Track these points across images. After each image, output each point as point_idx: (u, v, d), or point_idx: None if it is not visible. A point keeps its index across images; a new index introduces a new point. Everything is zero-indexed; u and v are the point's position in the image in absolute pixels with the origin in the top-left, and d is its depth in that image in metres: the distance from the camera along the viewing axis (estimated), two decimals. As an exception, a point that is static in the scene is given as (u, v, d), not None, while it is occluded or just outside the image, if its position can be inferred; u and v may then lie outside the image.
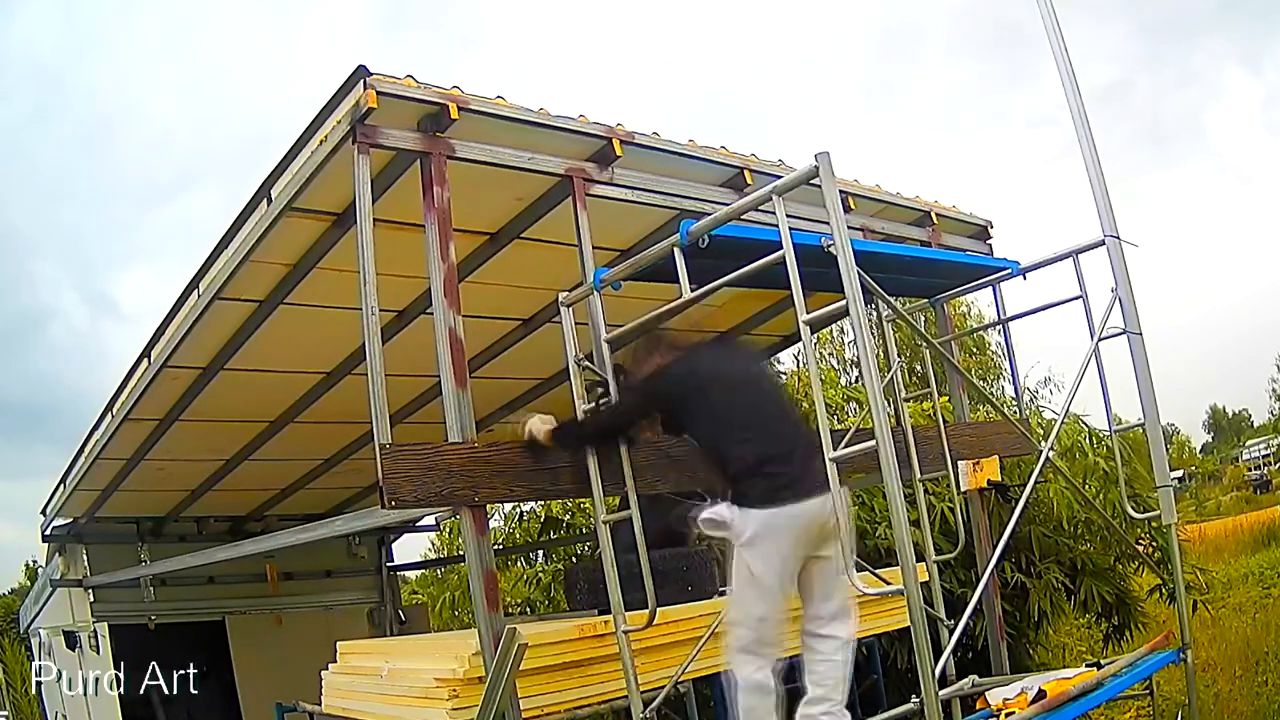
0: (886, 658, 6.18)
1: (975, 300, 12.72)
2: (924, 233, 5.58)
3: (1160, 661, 4.24)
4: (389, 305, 4.54)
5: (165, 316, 5.08)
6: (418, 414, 5.98)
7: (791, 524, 3.15)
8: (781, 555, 3.18)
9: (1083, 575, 7.16)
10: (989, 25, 17.62)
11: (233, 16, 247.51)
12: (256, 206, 4.15)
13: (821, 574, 3.29)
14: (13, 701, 12.29)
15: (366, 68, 3.46)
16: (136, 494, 7.01)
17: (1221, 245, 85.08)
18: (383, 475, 3.28)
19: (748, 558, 3.19)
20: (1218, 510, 24.11)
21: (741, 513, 3.19)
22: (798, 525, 3.15)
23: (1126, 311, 4.24)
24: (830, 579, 3.30)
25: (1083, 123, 4.32)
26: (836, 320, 8.06)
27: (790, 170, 3.47)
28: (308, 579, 8.49)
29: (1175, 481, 6.90)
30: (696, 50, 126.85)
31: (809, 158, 3.03)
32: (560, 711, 3.90)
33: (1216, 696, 6.66)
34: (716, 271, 3.34)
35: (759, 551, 3.17)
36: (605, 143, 4.10)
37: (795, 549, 3.19)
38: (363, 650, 4.82)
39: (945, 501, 6.41)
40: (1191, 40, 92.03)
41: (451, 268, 3.59)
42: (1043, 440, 4.93)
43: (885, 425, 2.90)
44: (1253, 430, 47.10)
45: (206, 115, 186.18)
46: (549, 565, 9.74)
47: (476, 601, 3.43)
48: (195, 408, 5.77)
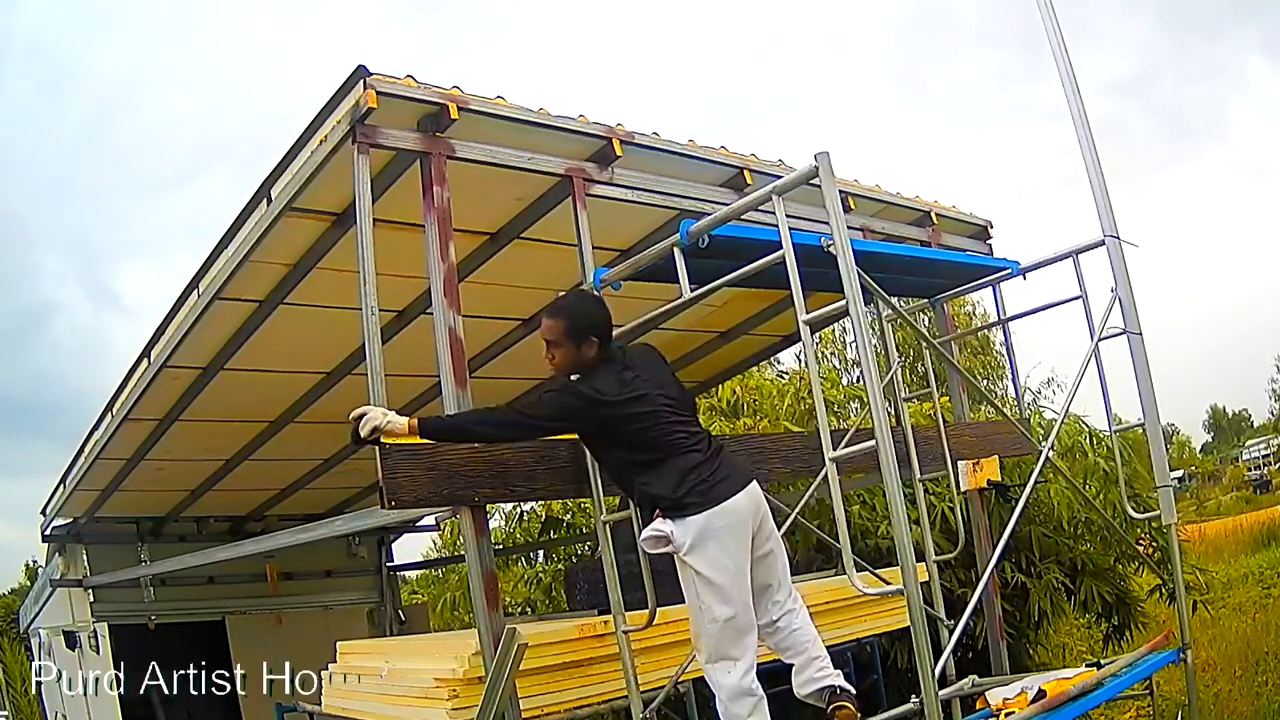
0: (886, 658, 6.18)
1: (980, 300, 12.73)
2: (924, 233, 5.58)
3: (1160, 661, 4.24)
4: (389, 305, 4.54)
5: (165, 316, 5.08)
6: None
7: (728, 520, 3.16)
8: (727, 552, 3.17)
9: (1083, 575, 7.17)
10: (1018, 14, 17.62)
11: (241, 4, 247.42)
12: (256, 206, 4.15)
13: (769, 566, 3.32)
14: (12, 701, 12.29)
15: (366, 68, 3.46)
16: (136, 494, 7.01)
17: (1230, 242, 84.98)
18: (383, 475, 3.28)
19: (696, 564, 3.17)
20: (1218, 510, 24.13)
21: (679, 523, 3.17)
22: (734, 520, 3.17)
23: (1126, 311, 4.24)
24: (777, 569, 3.34)
25: (1083, 123, 4.32)
26: (836, 320, 8.05)
27: (790, 170, 3.47)
28: (308, 579, 8.48)
29: (1175, 481, 6.90)
30: (715, 41, 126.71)
31: (814, 155, 3.03)
32: (560, 711, 3.90)
33: (1216, 696, 6.66)
34: (716, 271, 3.35)
35: (704, 555, 3.17)
36: (605, 143, 4.09)
37: (739, 543, 3.19)
38: (363, 650, 4.83)
39: (945, 501, 6.42)
40: (1216, 31, 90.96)
41: (451, 268, 3.59)
42: (1043, 440, 4.93)
43: (885, 425, 2.90)
44: (1253, 430, 47.15)
45: (215, 103, 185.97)
46: (549, 565, 9.75)
47: (476, 601, 3.43)
48: (195, 408, 5.77)
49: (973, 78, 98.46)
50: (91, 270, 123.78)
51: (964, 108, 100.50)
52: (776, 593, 3.35)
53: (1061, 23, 4.29)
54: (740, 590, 3.20)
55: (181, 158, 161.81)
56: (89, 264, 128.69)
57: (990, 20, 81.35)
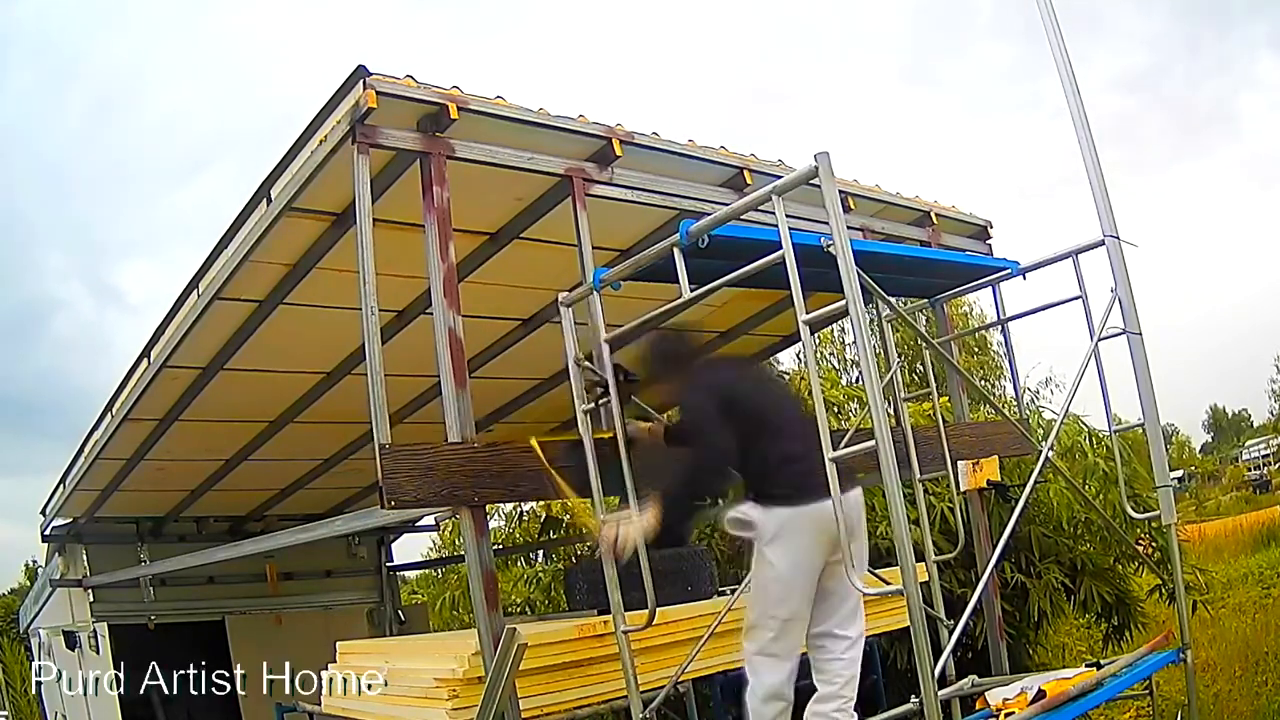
0: (886, 658, 6.17)
1: (978, 300, 12.74)
2: (924, 233, 5.59)
3: (1160, 661, 4.23)
4: (389, 305, 4.54)
5: (165, 317, 5.08)
6: (418, 414, 5.98)
7: (814, 522, 3.14)
8: (805, 552, 3.17)
9: (1083, 575, 7.16)
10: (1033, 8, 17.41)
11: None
12: (256, 206, 4.15)
13: (839, 575, 3.27)
14: (12, 701, 12.29)
15: (366, 68, 3.46)
16: (136, 494, 7.01)
17: (1232, 241, 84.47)
18: (383, 475, 3.28)
19: (771, 556, 3.18)
20: (1217, 510, 24.08)
21: (766, 511, 3.18)
22: (820, 523, 3.14)
23: (1126, 311, 4.24)
24: (845, 579, 3.30)
25: (1082, 122, 4.32)
26: (836, 320, 8.06)
27: (790, 170, 3.47)
28: (307, 579, 8.49)
29: (1175, 481, 6.91)
30: (722, 34, 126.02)
31: (814, 156, 3.03)
32: (560, 711, 3.90)
33: (1216, 696, 6.65)
34: (716, 271, 3.34)
35: (783, 549, 3.17)
36: (605, 143, 4.10)
37: (818, 547, 3.18)
38: (362, 650, 4.82)
39: (945, 501, 6.41)
40: (1227, 25, 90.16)
41: (451, 268, 3.59)
42: (1043, 440, 4.93)
43: (885, 425, 2.90)
44: (1253, 430, 47.09)
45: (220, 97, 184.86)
46: (549, 565, 9.74)
47: (476, 601, 3.44)
48: (195, 408, 5.78)
49: (984, 72, 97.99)
50: (94, 266, 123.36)
51: (973, 102, 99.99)
52: (835, 606, 3.30)
53: (1078, 16, 4.28)
54: (805, 594, 3.21)
55: (187, 152, 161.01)
56: (92, 260, 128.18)
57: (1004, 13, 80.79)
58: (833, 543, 3.17)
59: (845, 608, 3.31)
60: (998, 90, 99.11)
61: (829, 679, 3.28)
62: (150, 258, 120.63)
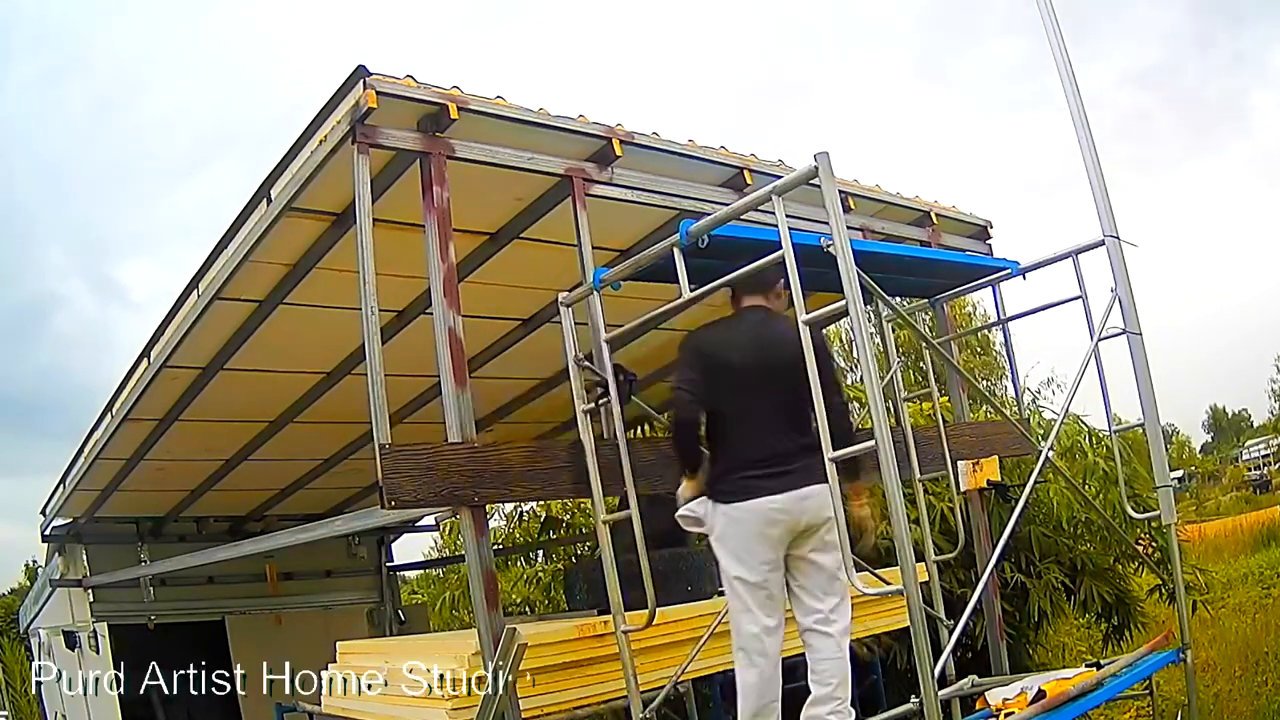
0: (886, 658, 6.17)
1: (981, 300, 12.72)
2: (924, 233, 5.59)
3: (1160, 661, 4.24)
4: (389, 305, 4.54)
5: (165, 316, 5.08)
6: (418, 414, 5.98)
7: (757, 518, 3.15)
8: (750, 552, 3.17)
9: (1083, 575, 7.16)
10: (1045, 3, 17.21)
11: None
12: (256, 206, 4.15)
13: (816, 572, 3.28)
14: (12, 701, 12.29)
15: (366, 68, 3.46)
16: (136, 494, 7.01)
17: (1240, 238, 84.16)
18: (383, 475, 3.28)
19: (720, 556, 3.21)
20: (1217, 510, 24.09)
21: (712, 507, 3.20)
22: (764, 519, 3.15)
23: (1126, 312, 4.24)
24: (825, 578, 3.28)
25: (1082, 123, 4.32)
26: (836, 320, 8.05)
27: (790, 170, 3.47)
28: (307, 579, 8.50)
29: (1175, 481, 6.90)
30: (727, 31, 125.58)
31: (814, 156, 3.03)
32: (560, 711, 3.90)
33: (1216, 696, 6.65)
34: (716, 271, 3.34)
35: (728, 549, 3.18)
36: (605, 143, 4.10)
37: (764, 545, 3.18)
38: (362, 650, 4.82)
39: (945, 501, 6.40)
40: (1240, 21, 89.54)
41: (451, 268, 3.59)
42: (1043, 440, 4.93)
43: (885, 425, 2.90)
44: (1253, 430, 47.08)
45: (222, 93, 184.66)
46: (549, 565, 9.74)
47: (476, 601, 3.44)
48: (195, 408, 5.78)
49: (994, 67, 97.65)
50: (96, 263, 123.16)
51: (983, 98, 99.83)
52: (815, 604, 3.29)
53: (1094, 10, 4.28)
54: (759, 599, 3.20)
55: (188, 149, 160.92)
56: (93, 257, 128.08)
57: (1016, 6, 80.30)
58: (788, 540, 3.19)
59: (827, 603, 3.29)
60: (1007, 85, 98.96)
61: (822, 680, 3.28)
62: (152, 255, 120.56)
